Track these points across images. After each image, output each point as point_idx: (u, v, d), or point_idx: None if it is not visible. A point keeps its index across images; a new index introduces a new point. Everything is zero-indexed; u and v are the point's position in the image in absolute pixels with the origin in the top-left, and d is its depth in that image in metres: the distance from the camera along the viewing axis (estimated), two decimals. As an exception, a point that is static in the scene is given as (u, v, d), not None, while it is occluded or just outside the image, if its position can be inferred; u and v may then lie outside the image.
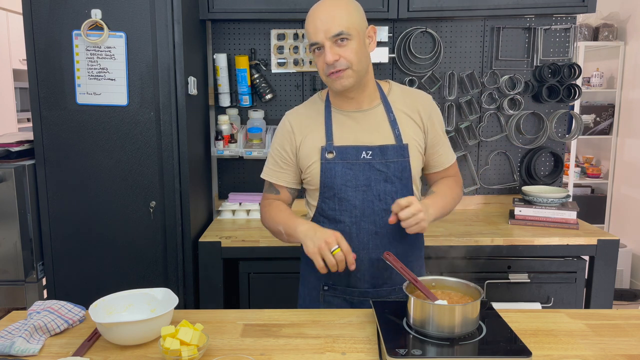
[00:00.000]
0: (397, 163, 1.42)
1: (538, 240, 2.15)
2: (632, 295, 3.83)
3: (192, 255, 2.16)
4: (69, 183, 2.08)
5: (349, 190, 1.41)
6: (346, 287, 1.46)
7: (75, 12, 1.99)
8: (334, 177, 1.41)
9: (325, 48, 1.33)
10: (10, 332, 1.23)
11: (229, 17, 2.38)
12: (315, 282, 1.51)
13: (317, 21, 1.33)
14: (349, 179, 1.41)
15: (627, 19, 4.02)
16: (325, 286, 1.49)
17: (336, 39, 1.32)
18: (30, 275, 2.07)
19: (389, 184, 1.42)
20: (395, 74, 2.59)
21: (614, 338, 1.22)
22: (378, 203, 1.42)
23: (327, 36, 1.32)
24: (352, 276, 1.44)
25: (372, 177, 1.41)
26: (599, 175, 4.37)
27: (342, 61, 1.34)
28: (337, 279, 1.46)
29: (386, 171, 1.41)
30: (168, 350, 1.09)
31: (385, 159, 1.41)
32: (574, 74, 2.53)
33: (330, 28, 1.31)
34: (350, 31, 1.33)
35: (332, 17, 1.32)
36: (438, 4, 2.33)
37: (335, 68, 1.34)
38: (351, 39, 1.33)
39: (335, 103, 1.47)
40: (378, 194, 1.42)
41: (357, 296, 1.46)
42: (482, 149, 2.67)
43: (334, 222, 1.44)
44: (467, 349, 1.09)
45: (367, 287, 1.45)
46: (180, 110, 2.08)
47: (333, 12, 1.33)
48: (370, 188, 1.41)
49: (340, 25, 1.32)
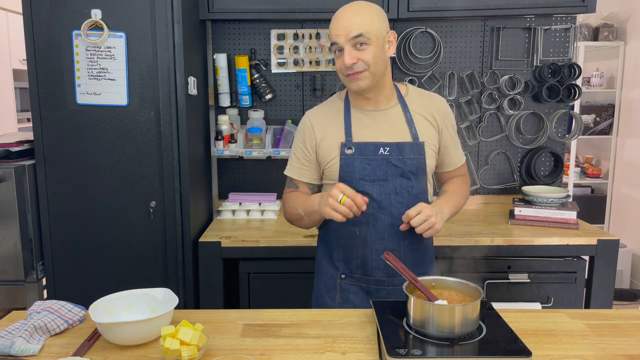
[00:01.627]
0: (413, 160, 1.49)
1: (538, 240, 2.15)
2: (632, 295, 3.83)
3: (192, 255, 2.16)
4: (69, 183, 2.08)
5: (367, 183, 1.48)
6: (362, 276, 1.53)
7: (75, 12, 1.99)
8: (352, 172, 1.48)
9: (345, 50, 1.40)
10: (10, 332, 1.23)
11: (229, 17, 2.38)
12: (333, 271, 1.57)
13: (339, 24, 1.40)
14: (367, 174, 1.48)
15: (627, 19, 4.02)
16: (342, 274, 1.55)
17: (355, 42, 1.39)
18: (30, 275, 2.07)
19: (405, 179, 1.49)
20: (396, 74, 2.59)
21: (614, 338, 1.22)
22: (394, 196, 1.49)
23: (347, 39, 1.39)
24: (368, 265, 1.51)
25: (389, 172, 1.48)
26: (599, 175, 4.37)
27: (360, 63, 1.41)
28: (354, 268, 1.53)
29: (403, 167, 1.48)
30: (168, 350, 1.09)
31: (402, 155, 1.48)
32: (574, 74, 2.53)
33: (350, 32, 1.38)
34: (370, 35, 1.39)
35: (353, 21, 1.39)
36: (438, 4, 2.33)
37: (353, 70, 1.41)
38: (370, 43, 1.40)
39: (354, 102, 1.54)
40: (394, 187, 1.49)
41: (373, 284, 1.53)
42: (482, 149, 2.67)
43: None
44: (467, 349, 1.09)
45: (382, 276, 1.52)
46: (180, 110, 2.08)
47: (355, 16, 1.40)
48: (387, 182, 1.48)
49: (360, 29, 1.38)
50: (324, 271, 1.60)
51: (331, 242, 1.57)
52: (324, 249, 1.61)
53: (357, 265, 1.53)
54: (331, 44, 1.44)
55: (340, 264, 1.55)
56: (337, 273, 1.56)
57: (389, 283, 1.52)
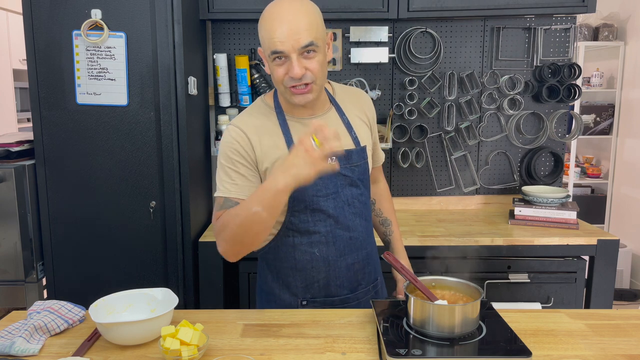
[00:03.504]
0: (359, 166, 1.39)
1: (538, 240, 2.15)
2: (632, 295, 3.83)
3: (192, 255, 2.16)
4: (69, 183, 2.08)
5: (321, 199, 1.34)
6: (326, 298, 1.42)
7: (75, 12, 1.99)
8: (304, 189, 1.30)
9: (292, 60, 1.22)
10: (10, 332, 1.23)
11: (229, 17, 2.38)
12: (291, 299, 1.42)
13: (283, 28, 1.20)
14: (319, 188, 1.34)
15: (627, 19, 4.02)
16: (303, 301, 1.42)
17: (303, 51, 1.22)
18: (30, 275, 2.08)
19: (355, 188, 1.39)
20: (395, 74, 2.59)
21: (614, 338, 1.22)
22: (347, 207, 1.38)
23: (296, 47, 1.21)
24: (332, 285, 1.40)
25: (339, 183, 1.36)
26: (599, 175, 4.37)
27: (309, 75, 1.24)
28: (316, 292, 1.41)
29: (351, 175, 1.38)
30: (168, 350, 1.09)
31: (350, 163, 1.37)
32: (574, 74, 2.53)
33: (300, 38, 1.20)
34: (318, 42, 1.23)
35: (301, 27, 1.20)
36: (438, 4, 2.33)
37: (301, 82, 1.24)
38: (318, 50, 1.24)
39: (287, 109, 1.37)
40: (346, 199, 1.38)
41: (338, 304, 1.42)
42: (482, 149, 2.67)
43: (307, 234, 1.37)
44: (467, 349, 1.09)
45: (347, 293, 1.42)
46: (180, 110, 2.08)
47: (301, 20, 1.20)
48: (339, 194, 1.36)
49: (309, 36, 1.21)
50: (279, 300, 1.44)
51: (283, 269, 1.41)
52: (274, 277, 1.43)
53: (319, 288, 1.40)
54: (272, 52, 1.23)
55: (299, 290, 1.40)
56: (297, 300, 1.41)
57: (353, 299, 1.43)
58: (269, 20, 1.24)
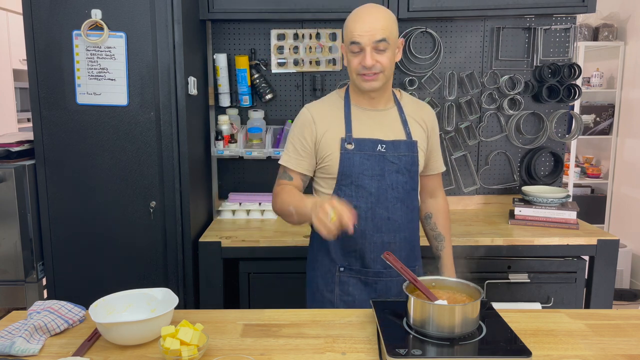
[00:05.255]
0: (407, 157, 1.57)
1: (538, 240, 2.15)
2: (632, 295, 3.83)
3: (192, 255, 2.16)
4: (69, 183, 2.08)
5: (366, 178, 1.53)
6: (361, 268, 1.57)
7: (75, 12, 1.99)
8: (352, 166, 1.53)
9: (366, 51, 1.46)
10: (10, 332, 1.23)
11: (229, 17, 2.38)
12: (330, 265, 1.60)
13: (364, 25, 1.45)
14: (365, 169, 1.53)
15: (627, 19, 4.02)
16: (341, 267, 1.59)
17: (377, 45, 1.45)
18: (30, 275, 2.08)
19: (400, 175, 1.56)
20: (395, 74, 2.58)
21: (614, 338, 1.23)
22: (391, 191, 1.55)
23: (371, 41, 1.45)
24: (366, 258, 1.55)
25: (386, 168, 1.54)
26: (599, 175, 4.37)
27: (378, 66, 1.47)
28: (352, 261, 1.57)
29: (398, 163, 1.55)
30: (168, 350, 1.09)
31: (398, 152, 1.55)
32: (574, 74, 2.53)
33: (374, 35, 1.44)
34: (390, 40, 1.46)
35: (378, 26, 1.45)
36: (438, 4, 2.33)
37: (371, 71, 1.47)
38: (389, 48, 1.47)
39: (355, 100, 1.59)
40: (391, 183, 1.55)
41: (371, 276, 1.57)
42: (482, 149, 2.67)
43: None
44: (467, 349, 1.09)
45: (380, 268, 1.56)
46: (180, 111, 2.08)
47: (380, 21, 1.46)
48: (384, 178, 1.54)
49: (383, 34, 1.45)
50: (321, 265, 1.62)
51: None
52: (319, 244, 1.62)
53: (356, 258, 1.57)
54: (350, 43, 1.48)
55: (338, 257, 1.58)
56: (336, 266, 1.59)
57: (386, 274, 1.56)
58: (353, 18, 1.49)
